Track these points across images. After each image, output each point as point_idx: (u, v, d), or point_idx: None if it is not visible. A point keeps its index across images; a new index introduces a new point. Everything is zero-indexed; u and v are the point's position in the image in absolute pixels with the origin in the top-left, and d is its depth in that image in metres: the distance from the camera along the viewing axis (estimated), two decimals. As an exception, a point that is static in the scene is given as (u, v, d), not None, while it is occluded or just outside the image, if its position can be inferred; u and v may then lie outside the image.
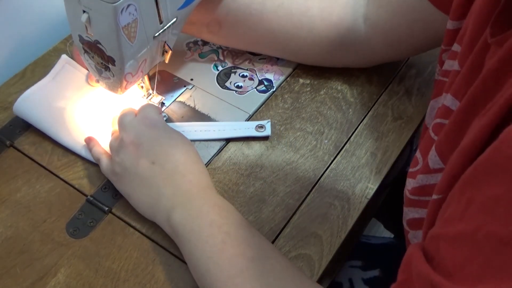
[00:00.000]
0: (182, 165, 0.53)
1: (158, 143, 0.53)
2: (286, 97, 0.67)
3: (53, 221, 0.56)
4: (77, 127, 0.62)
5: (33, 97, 0.63)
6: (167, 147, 0.53)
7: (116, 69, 0.54)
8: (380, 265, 0.65)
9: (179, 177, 0.52)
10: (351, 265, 0.66)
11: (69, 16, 0.51)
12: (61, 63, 0.66)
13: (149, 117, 0.55)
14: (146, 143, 0.53)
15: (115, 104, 0.63)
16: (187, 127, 0.63)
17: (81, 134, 0.61)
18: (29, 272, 0.52)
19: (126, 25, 0.50)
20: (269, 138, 0.63)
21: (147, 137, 0.53)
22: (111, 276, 0.52)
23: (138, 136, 0.54)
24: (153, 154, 0.53)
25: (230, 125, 0.63)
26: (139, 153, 0.53)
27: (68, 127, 0.62)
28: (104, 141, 0.60)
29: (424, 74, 0.69)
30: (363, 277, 0.65)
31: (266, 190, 0.58)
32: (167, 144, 0.54)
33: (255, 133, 0.62)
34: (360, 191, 0.58)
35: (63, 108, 0.63)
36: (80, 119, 0.63)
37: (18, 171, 0.60)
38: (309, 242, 0.54)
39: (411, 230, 0.51)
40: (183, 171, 0.52)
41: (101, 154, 0.58)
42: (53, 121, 0.62)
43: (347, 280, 0.65)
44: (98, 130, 0.62)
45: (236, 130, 0.63)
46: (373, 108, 0.66)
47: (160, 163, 0.52)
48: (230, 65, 0.71)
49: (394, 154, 0.61)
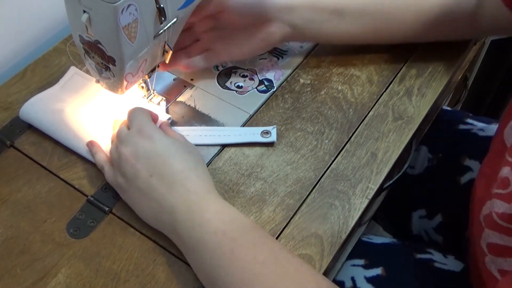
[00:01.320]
0: (180, 174, 0.52)
1: (155, 155, 0.53)
2: (286, 97, 0.67)
3: (54, 221, 0.56)
4: (82, 129, 0.62)
5: (40, 103, 0.63)
6: (164, 158, 0.53)
7: (116, 69, 0.54)
8: (383, 264, 0.65)
9: (177, 187, 0.51)
10: (353, 264, 0.66)
11: (69, 16, 0.51)
12: (70, 73, 0.67)
13: (144, 129, 0.55)
14: (143, 156, 0.53)
15: (119, 106, 0.63)
16: (192, 131, 0.63)
17: (87, 136, 0.61)
18: (30, 272, 0.52)
19: (126, 25, 0.50)
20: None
21: (144, 150, 0.53)
22: (111, 277, 0.52)
23: (136, 150, 0.53)
24: (150, 166, 0.52)
25: (235, 131, 0.63)
26: (138, 167, 0.52)
27: (74, 129, 0.62)
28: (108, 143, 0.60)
29: (424, 74, 0.69)
30: (365, 275, 0.64)
31: (267, 190, 0.58)
32: (164, 155, 0.53)
33: (261, 139, 0.62)
34: (361, 191, 0.58)
35: (68, 111, 0.63)
36: (85, 121, 0.63)
37: (18, 171, 0.60)
38: (310, 242, 0.54)
39: (490, 255, 0.49)
40: (181, 180, 0.52)
41: (105, 162, 0.57)
42: (58, 124, 0.62)
43: (349, 279, 0.65)
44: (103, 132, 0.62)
45: (241, 135, 0.62)
46: (374, 108, 0.66)
47: (158, 175, 0.52)
48: (231, 65, 0.71)
49: (394, 154, 0.61)
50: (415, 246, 0.70)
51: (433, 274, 0.65)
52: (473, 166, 0.73)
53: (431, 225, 0.75)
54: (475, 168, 0.73)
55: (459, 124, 0.80)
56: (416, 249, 0.68)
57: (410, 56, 0.72)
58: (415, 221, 0.77)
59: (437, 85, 0.68)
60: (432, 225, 0.75)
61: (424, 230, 0.76)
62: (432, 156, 0.77)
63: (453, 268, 0.65)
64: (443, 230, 0.74)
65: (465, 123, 0.80)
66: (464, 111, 0.87)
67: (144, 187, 0.52)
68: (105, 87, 0.59)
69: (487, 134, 0.76)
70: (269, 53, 0.72)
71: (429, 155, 0.78)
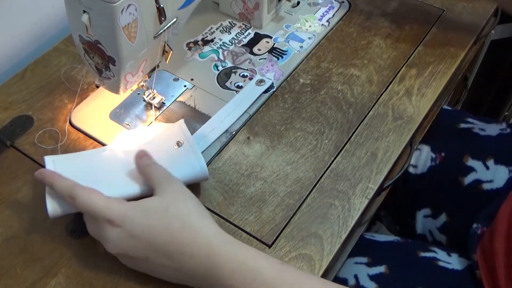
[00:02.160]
0: (178, 245, 0.48)
1: (147, 244, 0.48)
2: (286, 97, 0.67)
3: (54, 221, 0.56)
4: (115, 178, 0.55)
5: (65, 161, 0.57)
6: (168, 231, 0.48)
7: (116, 69, 0.54)
8: (387, 262, 0.65)
9: (184, 260, 0.48)
10: (356, 262, 0.66)
11: (69, 16, 0.51)
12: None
13: (108, 216, 0.48)
14: (140, 243, 0.48)
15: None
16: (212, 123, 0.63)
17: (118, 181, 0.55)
18: (30, 272, 0.52)
19: (126, 25, 0.50)
20: (270, 136, 0.63)
21: (132, 245, 0.48)
22: (111, 277, 0.52)
23: (124, 249, 0.48)
24: (153, 248, 0.48)
25: (238, 100, 0.65)
26: (142, 254, 0.48)
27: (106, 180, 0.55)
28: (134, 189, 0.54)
29: (424, 74, 0.69)
30: (368, 273, 0.64)
31: (267, 190, 0.58)
32: (153, 234, 0.48)
33: (260, 90, 0.66)
34: (361, 191, 0.58)
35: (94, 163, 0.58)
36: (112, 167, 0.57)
37: (18, 171, 0.60)
38: (310, 242, 0.54)
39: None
40: (184, 252, 0.48)
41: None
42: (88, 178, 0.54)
43: (352, 276, 0.65)
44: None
45: (247, 99, 0.65)
46: (374, 108, 0.66)
47: (166, 256, 0.48)
48: (230, 65, 0.71)
49: (394, 154, 0.61)
50: (419, 245, 0.70)
51: (437, 272, 0.65)
52: (476, 166, 0.73)
53: (436, 224, 0.75)
54: (478, 169, 0.73)
55: (460, 123, 0.80)
56: (420, 248, 0.68)
57: (410, 56, 0.72)
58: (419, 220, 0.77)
59: (437, 85, 0.68)
60: (436, 225, 0.75)
61: (429, 230, 0.76)
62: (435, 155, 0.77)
63: (457, 266, 0.65)
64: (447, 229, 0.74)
65: (466, 122, 0.80)
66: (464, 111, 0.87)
67: (157, 270, 0.49)
68: (105, 87, 0.59)
69: (488, 133, 0.77)
70: (269, 53, 0.72)
71: (432, 154, 0.78)
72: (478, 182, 0.72)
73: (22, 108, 0.66)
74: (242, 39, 0.75)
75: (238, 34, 0.75)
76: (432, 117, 0.76)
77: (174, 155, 0.57)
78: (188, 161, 0.56)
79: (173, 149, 0.58)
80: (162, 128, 0.61)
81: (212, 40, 0.74)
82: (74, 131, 0.64)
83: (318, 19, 0.77)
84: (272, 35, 0.75)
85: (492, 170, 0.72)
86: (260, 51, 0.73)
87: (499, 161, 0.72)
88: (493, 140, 0.76)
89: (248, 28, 0.76)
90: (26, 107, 0.66)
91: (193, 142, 0.58)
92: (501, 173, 0.71)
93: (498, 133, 0.76)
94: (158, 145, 0.59)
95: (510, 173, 0.71)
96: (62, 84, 0.69)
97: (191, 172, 0.56)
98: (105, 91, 0.60)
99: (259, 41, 0.74)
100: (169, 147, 0.58)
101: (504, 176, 0.71)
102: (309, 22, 0.77)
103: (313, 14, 0.78)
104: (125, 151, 0.58)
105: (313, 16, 0.78)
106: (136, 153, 0.55)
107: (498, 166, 0.72)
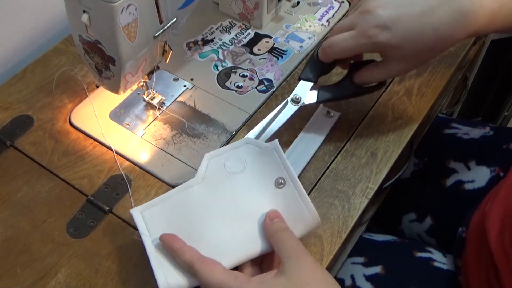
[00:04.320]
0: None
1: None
2: (286, 97, 0.67)
3: (54, 221, 0.56)
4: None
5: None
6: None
7: (116, 69, 0.54)
8: (383, 262, 0.65)
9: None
10: (353, 262, 0.66)
11: (69, 16, 0.51)
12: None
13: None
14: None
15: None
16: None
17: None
18: (30, 272, 0.52)
19: (126, 25, 0.50)
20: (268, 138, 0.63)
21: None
22: (111, 276, 0.52)
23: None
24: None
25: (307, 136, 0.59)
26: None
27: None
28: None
29: (424, 74, 0.69)
30: (365, 273, 0.64)
31: (267, 190, 0.58)
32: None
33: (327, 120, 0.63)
34: (361, 191, 0.58)
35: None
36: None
37: (18, 171, 0.60)
38: (310, 242, 0.54)
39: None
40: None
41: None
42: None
43: (349, 277, 0.65)
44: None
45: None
46: (373, 108, 0.66)
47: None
48: (230, 65, 0.71)
49: (394, 154, 0.61)
50: (415, 244, 0.70)
51: (432, 273, 0.65)
52: (458, 168, 0.74)
53: (422, 228, 0.75)
54: (460, 170, 0.73)
55: (444, 128, 0.80)
56: (416, 248, 0.68)
57: (410, 56, 0.72)
58: (405, 225, 0.78)
59: (437, 85, 0.68)
60: (423, 229, 0.75)
61: (417, 234, 0.76)
62: (418, 161, 0.78)
63: (452, 267, 0.65)
64: (434, 232, 0.74)
65: (450, 128, 0.80)
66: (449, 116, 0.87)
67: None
68: (105, 87, 0.59)
69: (471, 136, 0.77)
70: (269, 53, 0.72)
71: (415, 159, 0.78)
72: (460, 182, 0.72)
73: (22, 108, 0.66)
74: (242, 39, 0.75)
75: (238, 34, 0.75)
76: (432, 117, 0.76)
77: (275, 199, 0.48)
78: (294, 207, 0.47)
79: (273, 188, 0.48)
80: (252, 150, 0.52)
81: (212, 40, 0.75)
82: (74, 131, 0.64)
83: (318, 19, 0.78)
84: (272, 35, 0.75)
85: (473, 170, 0.72)
86: (260, 51, 0.73)
87: (481, 162, 0.72)
88: (475, 142, 0.76)
89: (248, 28, 0.76)
90: (26, 107, 0.66)
91: (297, 182, 0.48)
92: (483, 173, 0.71)
93: (481, 136, 0.77)
94: (253, 178, 0.49)
95: (491, 173, 0.71)
96: (62, 84, 0.69)
97: (300, 223, 0.47)
98: (105, 91, 0.60)
99: (259, 41, 0.74)
100: (268, 184, 0.48)
101: (486, 175, 0.71)
102: (309, 22, 0.77)
103: (313, 14, 0.78)
104: (218, 188, 0.50)
105: (313, 16, 0.78)
106: (268, 212, 0.48)
107: (479, 167, 0.72)
